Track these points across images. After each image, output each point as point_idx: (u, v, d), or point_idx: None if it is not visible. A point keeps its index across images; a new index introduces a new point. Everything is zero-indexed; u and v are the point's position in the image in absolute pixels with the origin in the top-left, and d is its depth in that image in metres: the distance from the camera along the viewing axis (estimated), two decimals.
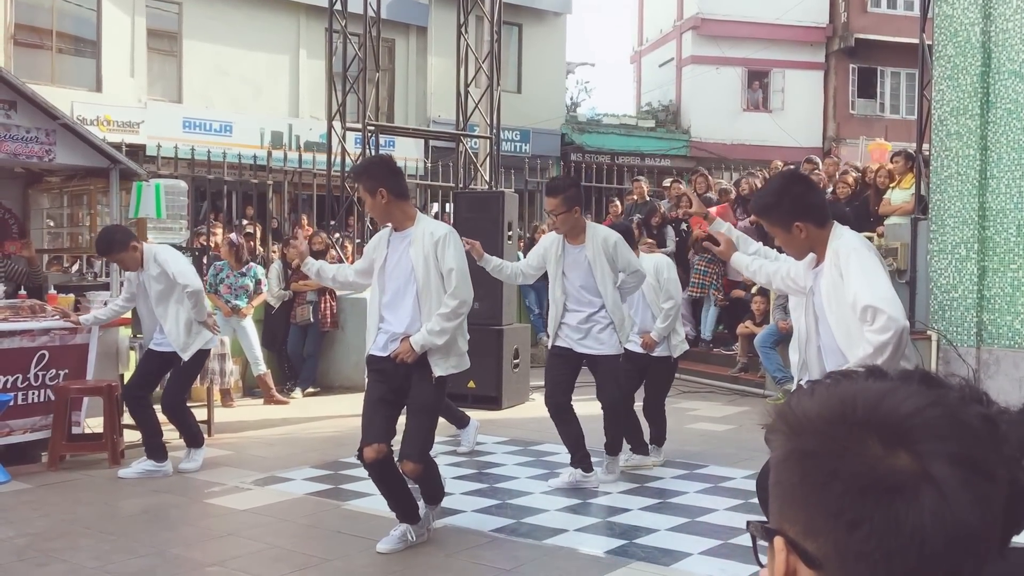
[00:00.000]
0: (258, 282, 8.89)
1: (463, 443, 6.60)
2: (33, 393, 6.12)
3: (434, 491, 4.59)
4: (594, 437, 5.59)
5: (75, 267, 11.68)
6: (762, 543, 0.86)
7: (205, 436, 6.94)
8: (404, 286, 4.40)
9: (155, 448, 5.87)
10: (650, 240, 11.27)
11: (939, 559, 0.76)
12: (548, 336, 5.62)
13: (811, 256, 3.44)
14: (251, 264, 8.98)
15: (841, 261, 3.25)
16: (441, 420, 6.39)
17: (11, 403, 5.88)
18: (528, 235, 12.38)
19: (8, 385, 5.97)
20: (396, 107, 20.13)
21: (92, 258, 10.50)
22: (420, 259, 4.35)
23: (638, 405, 6.22)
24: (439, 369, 4.37)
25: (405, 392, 4.40)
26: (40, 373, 6.13)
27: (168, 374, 6.02)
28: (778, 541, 0.82)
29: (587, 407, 5.77)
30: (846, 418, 0.80)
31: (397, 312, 4.41)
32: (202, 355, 6.02)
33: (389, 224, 4.52)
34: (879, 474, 0.77)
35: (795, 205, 3.32)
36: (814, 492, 0.79)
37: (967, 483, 0.77)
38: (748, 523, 0.88)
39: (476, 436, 6.64)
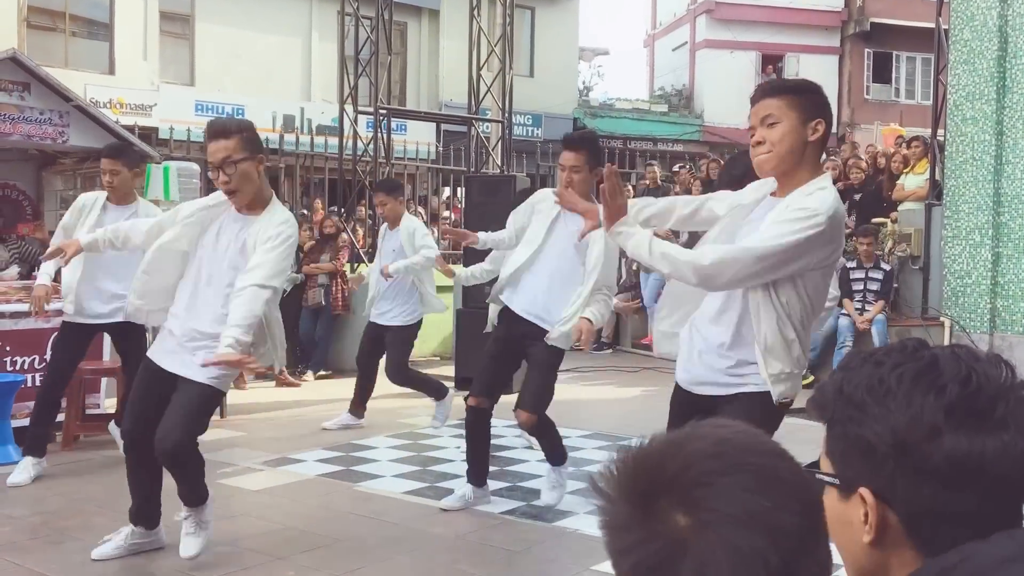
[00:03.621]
0: None
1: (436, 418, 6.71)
2: None
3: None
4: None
5: None
6: None
7: (217, 417, 7.00)
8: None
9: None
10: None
11: None
12: None
13: (762, 184, 2.94)
14: None
15: (791, 206, 2.75)
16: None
17: (25, 384, 5.92)
18: None
19: (26, 366, 6.01)
20: (408, 91, 20.11)
21: None
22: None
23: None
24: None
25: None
26: None
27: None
28: None
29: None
30: (624, 489, 0.84)
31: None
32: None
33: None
34: (644, 552, 0.80)
35: (825, 102, 2.82)
36: (616, 565, 0.84)
37: (732, 546, 0.78)
38: None
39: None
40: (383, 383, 6.87)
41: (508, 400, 5.23)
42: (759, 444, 0.89)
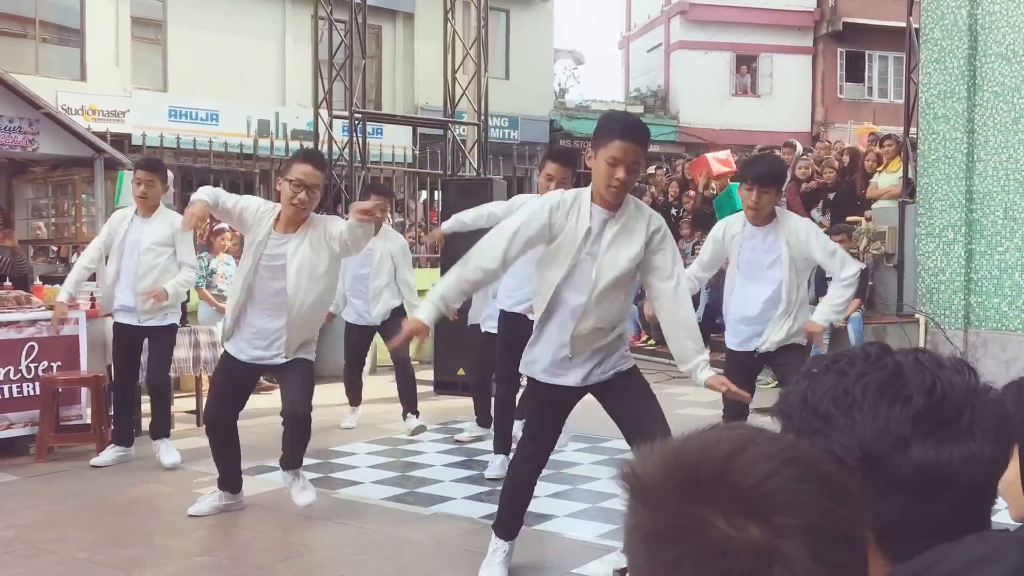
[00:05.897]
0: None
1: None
2: (27, 386, 6.07)
3: None
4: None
5: (74, 256, 11.40)
6: None
7: (194, 425, 6.94)
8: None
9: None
10: None
11: None
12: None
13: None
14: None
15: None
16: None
17: (1, 394, 5.84)
18: None
19: (1, 377, 5.93)
20: (383, 94, 20.05)
21: (79, 248, 10.44)
22: None
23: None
24: None
25: None
26: (32, 365, 6.08)
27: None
28: None
29: None
30: (688, 491, 0.75)
31: None
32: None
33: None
34: (725, 562, 0.72)
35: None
36: (666, 571, 0.74)
37: (820, 556, 0.73)
38: None
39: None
40: (369, 388, 6.93)
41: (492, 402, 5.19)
42: (821, 452, 0.85)
